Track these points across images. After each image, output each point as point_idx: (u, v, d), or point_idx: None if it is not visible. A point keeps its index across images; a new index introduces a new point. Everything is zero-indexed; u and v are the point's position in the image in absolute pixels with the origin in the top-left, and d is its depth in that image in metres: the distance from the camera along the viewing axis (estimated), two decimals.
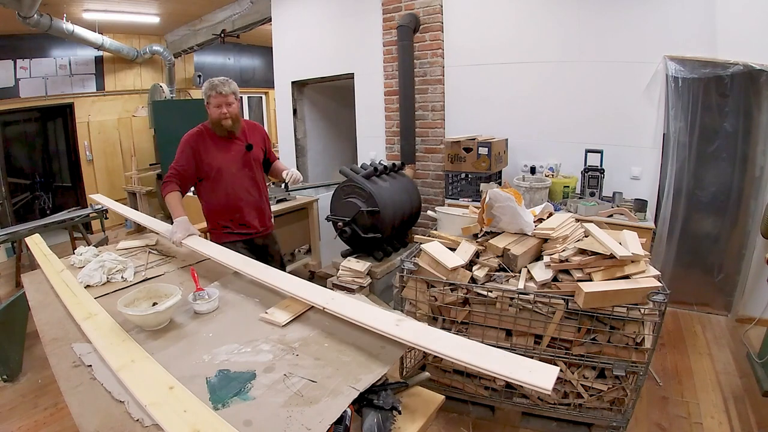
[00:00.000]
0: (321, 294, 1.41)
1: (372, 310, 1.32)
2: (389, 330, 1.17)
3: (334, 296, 1.40)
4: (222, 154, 2.22)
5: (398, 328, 1.18)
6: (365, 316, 1.25)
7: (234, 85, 2.19)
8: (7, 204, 5.28)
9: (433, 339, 1.14)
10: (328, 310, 1.32)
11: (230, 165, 2.24)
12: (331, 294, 1.42)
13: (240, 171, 2.27)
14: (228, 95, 2.14)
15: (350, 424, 0.96)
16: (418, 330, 1.19)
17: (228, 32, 5.84)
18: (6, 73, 5.39)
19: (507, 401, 1.98)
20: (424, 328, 1.21)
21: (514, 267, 1.87)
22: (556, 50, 3.25)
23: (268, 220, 2.45)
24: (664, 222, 3.00)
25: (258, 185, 2.36)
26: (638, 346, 1.69)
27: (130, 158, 6.55)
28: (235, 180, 2.25)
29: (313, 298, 1.38)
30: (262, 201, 2.40)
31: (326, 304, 1.33)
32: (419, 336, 1.15)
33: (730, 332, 2.93)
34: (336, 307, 1.31)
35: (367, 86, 4.18)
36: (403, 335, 1.15)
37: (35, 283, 1.74)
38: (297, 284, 1.50)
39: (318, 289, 1.45)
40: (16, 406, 2.30)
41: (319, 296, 1.39)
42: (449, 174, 3.32)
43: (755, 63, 2.64)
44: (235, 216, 2.29)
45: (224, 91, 2.13)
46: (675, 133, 2.92)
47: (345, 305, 1.33)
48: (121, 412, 0.95)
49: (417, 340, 1.13)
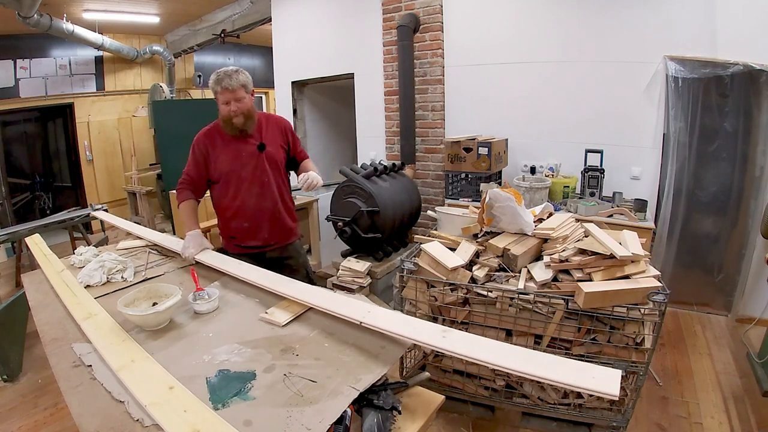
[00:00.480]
0: (357, 308, 1.31)
1: (414, 322, 1.24)
2: (436, 343, 1.11)
3: (370, 309, 1.31)
4: (231, 155, 1.98)
5: (445, 340, 1.11)
6: (407, 330, 1.18)
7: (243, 76, 1.87)
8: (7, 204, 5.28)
9: (485, 350, 1.07)
10: (365, 324, 1.23)
11: (239, 168, 1.98)
12: (367, 307, 1.32)
13: (251, 175, 1.99)
14: (236, 90, 1.84)
15: (350, 424, 0.96)
16: (468, 341, 1.12)
17: (228, 32, 5.85)
18: (6, 73, 5.40)
19: (507, 401, 1.98)
20: (473, 339, 1.13)
21: (514, 267, 1.87)
22: (556, 50, 3.25)
23: (286, 231, 2.15)
24: (664, 222, 3.00)
25: (273, 191, 2.04)
26: (638, 346, 1.69)
27: (130, 158, 6.55)
28: (243, 185, 2.00)
29: (349, 313, 1.29)
30: (278, 210, 2.08)
31: (363, 318, 1.25)
32: (471, 348, 1.08)
33: (730, 332, 2.93)
34: (374, 321, 1.22)
35: (367, 86, 4.18)
36: (451, 347, 1.08)
37: (35, 283, 1.74)
38: (329, 298, 1.41)
39: (353, 303, 1.36)
40: (16, 406, 2.30)
41: (356, 310, 1.29)
42: (449, 174, 3.32)
43: (755, 63, 2.63)
44: (242, 226, 2.06)
45: (231, 86, 1.83)
46: (675, 133, 2.92)
47: (384, 318, 1.25)
48: (121, 412, 0.95)
49: (469, 352, 1.06)
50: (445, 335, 1.14)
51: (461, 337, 1.14)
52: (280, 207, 2.08)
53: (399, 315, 1.33)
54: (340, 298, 1.43)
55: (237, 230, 2.08)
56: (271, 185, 2.04)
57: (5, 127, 5.68)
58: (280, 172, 2.09)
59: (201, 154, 2.00)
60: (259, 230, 2.06)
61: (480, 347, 1.09)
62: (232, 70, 1.85)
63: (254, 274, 1.64)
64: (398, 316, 1.31)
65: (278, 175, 2.07)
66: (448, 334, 1.14)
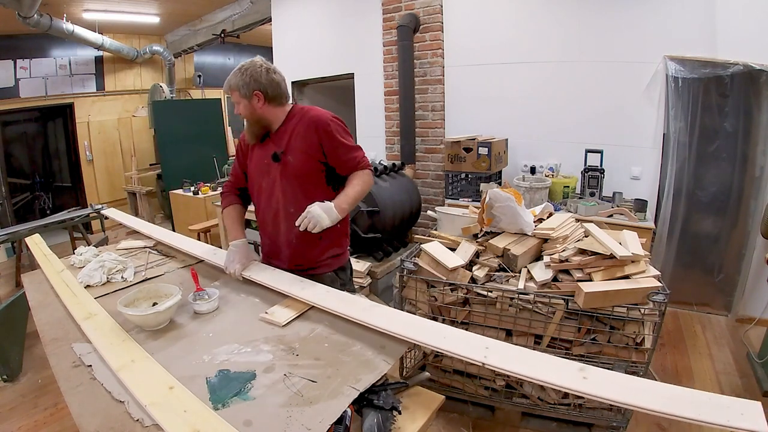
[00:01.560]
0: (433, 331, 1.15)
1: (542, 359, 1.05)
2: (575, 386, 0.94)
3: (446, 334, 1.17)
4: (256, 160, 1.71)
5: (586, 382, 0.95)
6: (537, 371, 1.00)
7: (237, 78, 1.58)
8: (7, 204, 5.28)
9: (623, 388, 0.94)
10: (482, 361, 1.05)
11: (260, 178, 1.70)
12: (443, 332, 1.18)
13: (268, 188, 1.68)
14: (233, 93, 1.62)
15: (350, 424, 0.96)
16: (611, 380, 0.97)
17: (228, 32, 5.85)
18: (6, 73, 5.40)
19: (507, 401, 1.98)
20: (613, 377, 0.98)
21: (514, 267, 1.87)
22: (556, 50, 3.25)
23: (309, 260, 1.71)
24: (664, 222, 3.00)
25: (288, 211, 1.62)
26: (638, 346, 1.69)
27: (130, 158, 6.56)
28: (262, 198, 1.72)
29: (427, 340, 1.15)
30: (293, 235, 1.63)
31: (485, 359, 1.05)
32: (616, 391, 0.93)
33: (730, 332, 2.93)
34: (497, 362, 1.03)
35: (367, 86, 4.18)
36: (590, 390, 0.93)
37: (35, 283, 1.73)
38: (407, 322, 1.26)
39: (430, 326, 1.22)
40: (16, 406, 2.30)
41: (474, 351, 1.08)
42: (449, 174, 3.32)
43: (755, 63, 2.64)
44: (266, 242, 1.79)
45: (225, 89, 1.65)
46: (675, 133, 2.92)
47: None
48: (121, 412, 0.95)
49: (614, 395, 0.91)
50: (586, 377, 0.97)
51: (601, 375, 0.98)
52: (295, 231, 1.57)
53: (441, 327, 1.20)
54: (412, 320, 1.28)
55: (263, 245, 1.83)
56: (288, 204, 1.64)
57: (5, 127, 5.68)
58: (306, 187, 1.63)
59: (241, 150, 1.79)
60: (279, 251, 1.74)
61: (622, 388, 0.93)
62: (234, 71, 1.61)
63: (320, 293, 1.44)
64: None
65: (300, 191, 1.62)
66: (589, 375, 0.97)
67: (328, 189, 1.68)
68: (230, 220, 1.78)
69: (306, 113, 1.66)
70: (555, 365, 1.02)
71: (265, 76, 1.58)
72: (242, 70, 1.59)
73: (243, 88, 1.58)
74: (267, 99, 1.60)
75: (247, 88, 1.58)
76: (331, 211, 1.53)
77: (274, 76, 1.61)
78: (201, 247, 1.95)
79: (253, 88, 1.58)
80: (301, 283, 1.53)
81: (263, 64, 1.60)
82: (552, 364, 1.02)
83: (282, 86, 1.64)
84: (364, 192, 1.67)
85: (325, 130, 1.62)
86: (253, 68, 1.58)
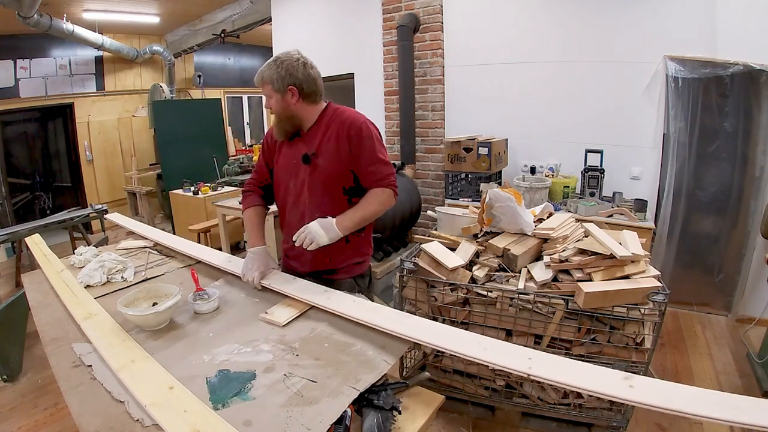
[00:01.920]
0: (518, 356, 1.08)
1: (586, 369, 1.04)
2: (623, 395, 0.93)
3: (486, 345, 1.12)
4: (284, 159, 1.63)
5: (633, 390, 0.94)
6: (584, 381, 0.98)
7: (273, 70, 1.49)
8: (7, 204, 5.28)
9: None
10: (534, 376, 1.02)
11: (288, 178, 1.63)
12: (482, 342, 1.14)
13: (295, 189, 1.61)
14: (263, 86, 1.53)
15: (350, 424, 0.96)
16: (657, 388, 0.95)
17: (228, 32, 5.85)
18: (6, 73, 5.39)
19: (507, 401, 1.98)
20: (658, 386, 0.96)
21: (514, 267, 1.87)
22: (556, 50, 3.25)
23: (327, 265, 1.65)
24: (664, 222, 3.00)
25: (314, 217, 1.52)
26: (638, 346, 1.69)
27: (130, 158, 6.55)
28: (289, 199, 1.65)
29: (467, 351, 1.11)
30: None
31: (530, 370, 1.02)
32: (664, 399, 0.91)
33: (730, 332, 2.93)
34: (542, 373, 1.01)
35: (367, 86, 4.18)
36: (638, 398, 0.92)
37: (35, 283, 1.73)
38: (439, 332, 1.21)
39: (466, 337, 1.16)
40: (16, 406, 2.30)
41: (517, 361, 1.05)
42: (449, 174, 3.32)
43: (755, 63, 2.64)
44: (289, 244, 1.66)
45: (256, 81, 1.55)
46: (675, 133, 2.92)
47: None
48: (121, 412, 0.95)
49: (664, 403, 0.89)
50: (632, 386, 0.95)
51: (647, 383, 0.96)
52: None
53: (479, 337, 1.15)
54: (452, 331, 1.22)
55: (285, 247, 1.74)
56: (312, 208, 1.57)
57: (5, 127, 5.68)
58: (334, 193, 1.56)
59: (268, 146, 1.70)
60: (302, 255, 1.63)
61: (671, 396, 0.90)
62: (269, 63, 1.52)
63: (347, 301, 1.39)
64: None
65: (328, 196, 1.56)
66: (635, 384, 0.95)
67: (350, 193, 1.58)
68: (251, 224, 1.69)
69: (340, 114, 1.58)
70: (599, 375, 1.01)
71: (302, 70, 1.50)
72: (278, 62, 1.49)
73: (277, 82, 1.49)
74: (302, 95, 1.52)
75: (282, 82, 1.48)
76: (330, 229, 1.47)
77: (311, 71, 1.53)
78: (218, 257, 1.81)
79: (288, 82, 1.49)
80: (326, 293, 1.43)
81: (300, 58, 1.51)
82: (596, 373, 1.01)
83: (318, 83, 1.55)
84: (377, 213, 1.56)
85: (356, 134, 1.52)
86: (289, 61, 1.49)
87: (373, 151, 1.54)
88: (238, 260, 1.71)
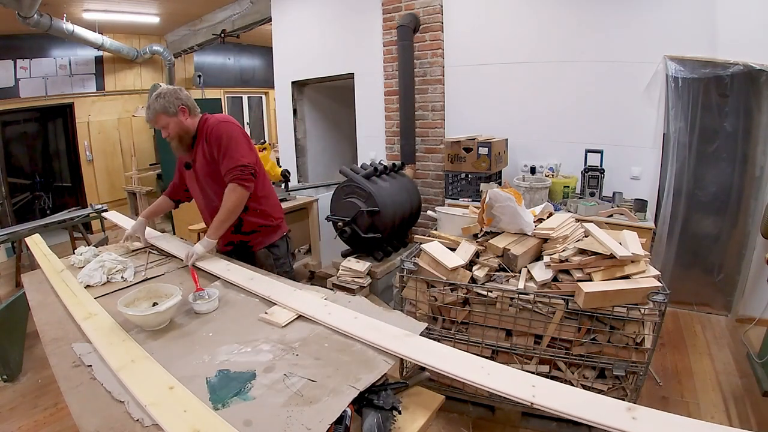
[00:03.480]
0: (522, 383, 1.09)
1: (589, 398, 1.06)
2: (623, 426, 0.94)
3: (490, 370, 1.13)
4: (180, 167, 2.09)
5: (635, 422, 0.95)
6: (586, 412, 1.00)
7: (159, 102, 1.77)
8: (7, 204, 5.28)
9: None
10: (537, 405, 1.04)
11: (187, 181, 2.07)
12: (487, 367, 1.15)
13: (193, 192, 2.06)
14: (156, 121, 1.80)
15: (350, 424, 0.96)
16: (662, 420, 0.98)
17: (228, 32, 5.85)
18: (6, 73, 5.39)
19: (507, 401, 1.98)
20: (664, 418, 0.99)
21: (514, 267, 1.87)
22: (556, 50, 3.25)
23: (233, 238, 2.01)
24: (664, 222, 2.99)
25: (212, 208, 1.93)
26: (638, 346, 1.69)
27: (130, 158, 6.55)
28: (194, 196, 2.09)
29: (470, 377, 1.11)
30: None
31: (533, 398, 1.04)
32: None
33: (730, 332, 2.93)
34: (546, 402, 1.04)
35: (367, 86, 4.18)
36: (638, 430, 0.94)
37: (35, 283, 1.74)
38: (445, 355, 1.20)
39: (469, 360, 1.18)
40: (16, 406, 2.30)
41: (521, 389, 1.07)
42: (449, 174, 3.32)
43: (755, 63, 2.64)
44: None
45: (149, 119, 1.83)
46: (675, 133, 2.92)
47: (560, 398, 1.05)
48: (121, 412, 0.95)
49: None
50: (635, 418, 0.96)
51: (652, 416, 0.98)
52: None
53: (482, 361, 1.16)
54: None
55: None
56: (206, 201, 1.98)
57: (5, 127, 5.68)
58: (216, 187, 1.88)
59: (179, 159, 2.09)
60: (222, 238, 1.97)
61: None
62: (151, 101, 1.78)
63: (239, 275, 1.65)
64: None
65: (212, 191, 1.92)
66: (638, 416, 0.96)
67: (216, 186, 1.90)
68: (153, 204, 2.16)
69: (208, 122, 1.86)
70: (602, 405, 1.02)
71: (180, 93, 1.81)
72: (160, 96, 1.77)
73: (170, 108, 1.77)
74: (189, 111, 1.83)
75: (173, 106, 1.78)
76: (202, 242, 1.82)
77: (184, 92, 1.85)
78: (239, 274, 1.72)
79: (177, 104, 1.78)
80: (326, 307, 1.41)
81: (171, 87, 1.83)
82: (599, 403, 1.03)
83: (192, 99, 1.88)
84: (231, 212, 1.82)
85: (215, 139, 1.81)
86: (167, 91, 1.79)
87: (224, 149, 1.81)
88: (260, 278, 1.68)
